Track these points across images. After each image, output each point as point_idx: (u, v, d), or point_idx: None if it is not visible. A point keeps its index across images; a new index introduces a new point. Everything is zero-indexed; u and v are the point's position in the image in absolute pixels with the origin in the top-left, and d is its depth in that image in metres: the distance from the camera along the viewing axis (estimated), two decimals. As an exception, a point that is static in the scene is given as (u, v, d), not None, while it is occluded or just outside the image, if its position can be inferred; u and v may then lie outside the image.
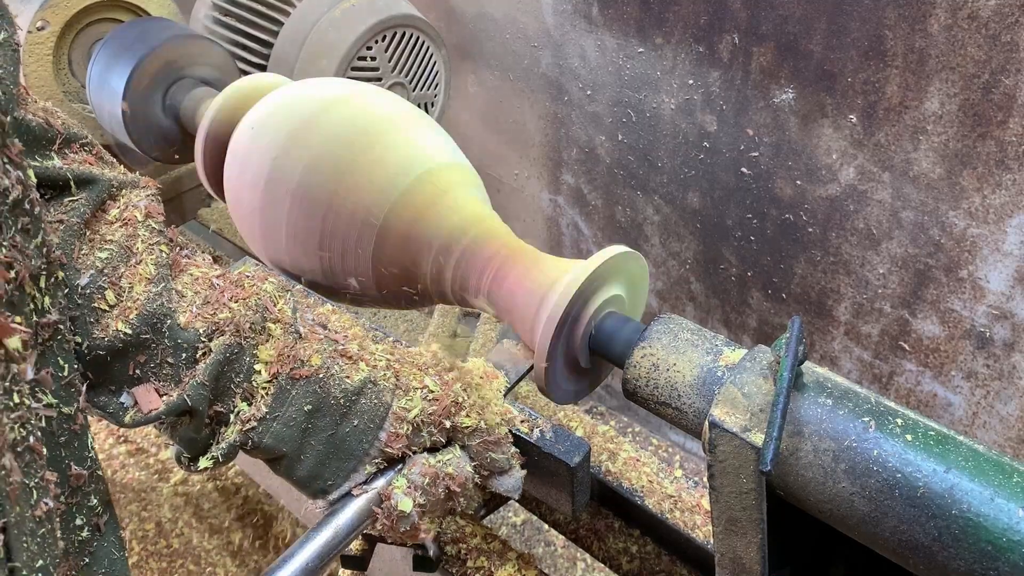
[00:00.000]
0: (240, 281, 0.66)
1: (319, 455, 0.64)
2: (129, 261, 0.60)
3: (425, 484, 0.65)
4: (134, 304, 0.59)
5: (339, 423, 0.64)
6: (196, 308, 0.62)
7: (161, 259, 0.62)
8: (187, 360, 0.60)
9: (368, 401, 0.65)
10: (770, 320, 1.58)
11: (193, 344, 0.60)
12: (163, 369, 0.60)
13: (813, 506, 0.54)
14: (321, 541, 0.63)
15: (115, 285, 0.59)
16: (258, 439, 0.62)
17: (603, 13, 1.47)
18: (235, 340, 0.62)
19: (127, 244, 0.61)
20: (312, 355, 0.64)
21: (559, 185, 1.82)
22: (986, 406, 1.33)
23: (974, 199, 1.17)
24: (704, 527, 0.85)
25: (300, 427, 0.63)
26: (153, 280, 0.60)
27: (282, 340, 0.64)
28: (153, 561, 1.66)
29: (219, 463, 0.62)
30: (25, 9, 1.19)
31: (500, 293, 0.77)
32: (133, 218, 0.62)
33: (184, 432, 0.62)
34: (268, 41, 1.32)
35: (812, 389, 0.55)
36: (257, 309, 0.64)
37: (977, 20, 1.05)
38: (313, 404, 0.63)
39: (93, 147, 0.64)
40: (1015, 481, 0.47)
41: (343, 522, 0.65)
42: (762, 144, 1.37)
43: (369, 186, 0.81)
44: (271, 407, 0.62)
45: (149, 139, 1.16)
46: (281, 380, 0.63)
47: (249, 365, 0.62)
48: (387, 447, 0.65)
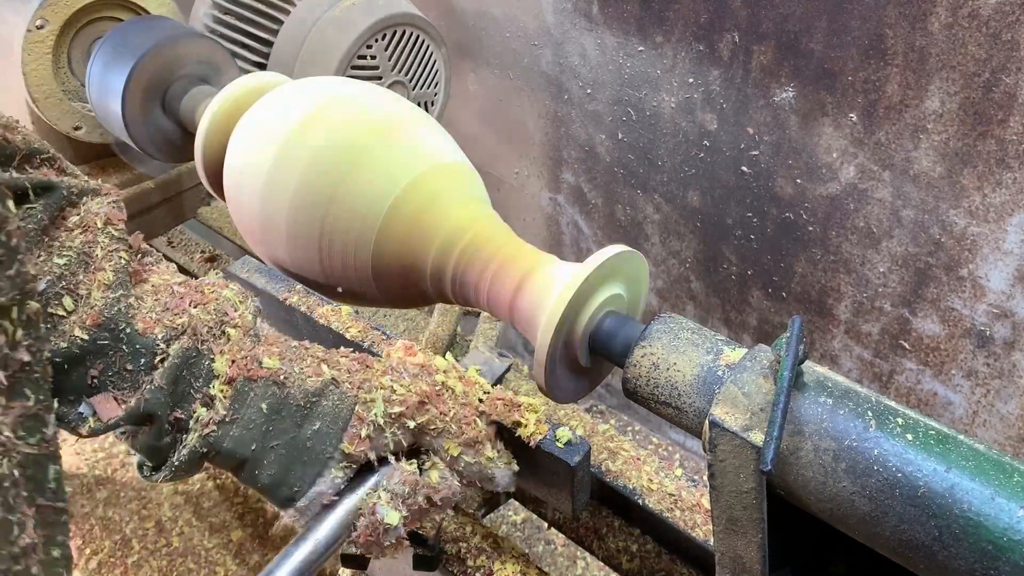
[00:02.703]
0: (200, 287, 0.66)
1: (282, 459, 0.63)
2: (88, 268, 0.60)
3: (405, 493, 0.64)
4: (91, 310, 0.58)
5: (300, 425, 0.63)
6: (155, 314, 0.61)
7: (120, 266, 0.61)
8: (145, 366, 0.60)
9: (330, 402, 0.64)
10: (770, 319, 1.58)
11: (151, 350, 0.60)
12: (122, 376, 0.59)
13: (813, 505, 0.54)
14: (300, 557, 0.62)
15: (73, 292, 0.58)
16: (218, 443, 0.61)
17: (603, 11, 1.47)
18: (192, 343, 0.61)
19: (86, 251, 0.60)
20: (270, 355, 0.64)
21: (559, 184, 1.82)
22: (986, 405, 1.33)
23: (974, 198, 1.17)
24: (704, 526, 0.85)
25: (260, 429, 0.62)
26: (111, 286, 0.59)
27: (239, 343, 0.64)
28: (153, 560, 1.66)
29: (179, 471, 0.61)
30: (24, 8, 1.18)
31: (500, 292, 0.77)
32: (93, 224, 0.61)
33: (145, 440, 0.61)
34: (268, 40, 1.32)
35: (812, 388, 0.55)
36: (216, 313, 0.64)
37: (978, 19, 1.05)
38: (271, 405, 0.63)
39: (55, 161, 0.64)
40: (1016, 480, 0.47)
41: (322, 536, 0.63)
42: (762, 143, 1.37)
43: (369, 185, 0.81)
44: (229, 409, 0.61)
45: (148, 137, 1.16)
46: (239, 382, 0.62)
47: (207, 369, 0.62)
48: (348, 448, 0.64)
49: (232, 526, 1.72)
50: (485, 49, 1.75)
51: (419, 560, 0.81)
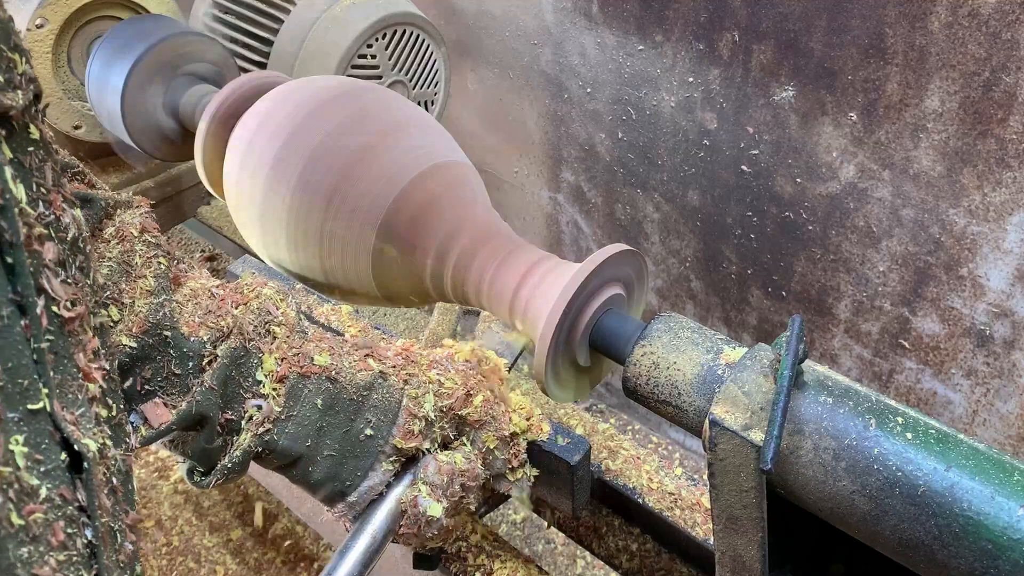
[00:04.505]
0: (239, 288, 0.66)
1: (335, 454, 0.64)
2: (129, 276, 0.60)
3: (444, 484, 0.65)
4: (137, 318, 0.58)
5: (353, 419, 0.64)
6: (199, 318, 0.61)
7: (160, 271, 0.61)
8: (194, 369, 0.60)
9: (380, 396, 0.65)
10: (770, 318, 1.58)
11: (199, 352, 0.60)
12: (170, 381, 0.59)
13: (813, 504, 0.54)
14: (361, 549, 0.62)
15: (117, 301, 0.58)
16: (272, 442, 0.61)
17: (603, 10, 1.47)
18: (240, 343, 0.61)
19: (125, 259, 0.60)
20: (321, 352, 0.64)
21: (559, 183, 1.82)
22: (986, 404, 1.33)
23: (974, 197, 1.17)
24: (704, 525, 0.85)
25: (315, 425, 0.63)
26: (154, 292, 0.59)
27: (288, 341, 0.64)
28: (153, 559, 1.66)
29: (232, 473, 0.61)
30: (24, 7, 1.18)
31: (500, 291, 0.77)
32: (129, 234, 0.61)
33: (196, 445, 0.61)
34: (268, 39, 1.32)
35: (812, 387, 0.55)
36: (260, 312, 0.64)
37: (977, 18, 1.05)
38: (326, 400, 0.63)
39: (85, 176, 0.64)
40: (1015, 479, 0.47)
41: (378, 527, 0.64)
42: (762, 142, 1.37)
43: (369, 185, 0.81)
44: (284, 406, 0.62)
45: (148, 137, 1.16)
46: (292, 379, 0.62)
47: (257, 368, 0.62)
48: (401, 443, 0.65)
49: (232, 525, 1.72)
50: (485, 48, 1.75)
51: (419, 559, 0.81)
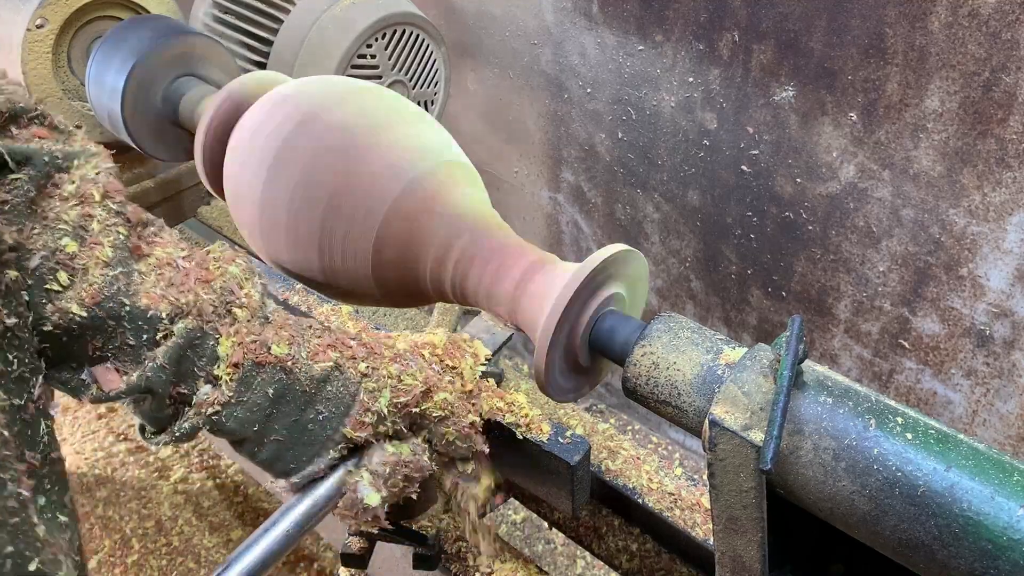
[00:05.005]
0: (205, 263, 0.65)
1: (282, 440, 0.64)
2: (84, 242, 0.58)
3: (386, 474, 0.65)
4: (89, 288, 0.57)
5: (303, 410, 0.64)
6: (160, 290, 0.60)
7: (119, 242, 0.60)
8: (148, 341, 0.59)
9: (334, 388, 0.65)
10: (770, 318, 1.58)
11: (154, 326, 0.59)
12: (123, 350, 0.59)
13: (813, 505, 0.54)
14: (280, 529, 0.63)
15: (67, 266, 0.57)
16: (221, 423, 0.62)
17: (603, 10, 1.47)
18: (197, 324, 0.61)
19: (82, 224, 0.59)
20: (279, 341, 0.64)
21: (559, 183, 1.82)
22: (986, 404, 1.33)
23: (974, 197, 1.17)
24: (704, 525, 0.85)
25: (264, 412, 0.62)
26: (110, 263, 0.59)
27: (247, 326, 0.63)
28: (153, 559, 1.66)
29: (180, 440, 0.62)
30: (24, 7, 1.18)
31: (500, 291, 0.77)
32: (90, 196, 0.60)
33: (146, 409, 0.62)
34: (268, 39, 1.32)
35: (812, 387, 0.55)
36: (222, 292, 0.63)
37: (977, 18, 1.05)
38: (278, 390, 0.63)
39: (45, 118, 0.61)
40: (1015, 479, 0.47)
41: (303, 510, 0.65)
42: (762, 142, 1.37)
43: (369, 184, 0.81)
44: (235, 391, 0.61)
45: (148, 137, 1.16)
46: (246, 366, 0.62)
47: (212, 349, 0.61)
48: (351, 433, 0.65)
49: (232, 525, 1.72)
50: (485, 48, 1.75)
51: (419, 559, 0.81)
